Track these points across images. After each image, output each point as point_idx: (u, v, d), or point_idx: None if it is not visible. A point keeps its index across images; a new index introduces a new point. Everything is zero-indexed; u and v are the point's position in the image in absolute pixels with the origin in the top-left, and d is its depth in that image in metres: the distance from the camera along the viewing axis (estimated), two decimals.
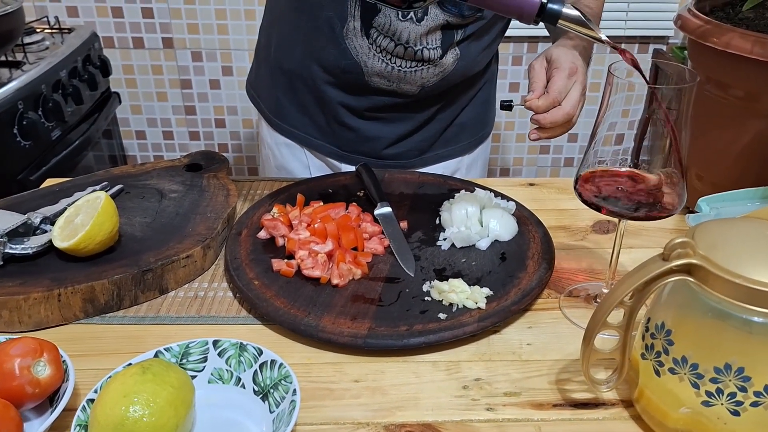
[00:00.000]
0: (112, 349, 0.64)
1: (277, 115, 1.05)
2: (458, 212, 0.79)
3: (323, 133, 1.03)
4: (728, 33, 0.72)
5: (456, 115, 1.07)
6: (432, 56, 0.92)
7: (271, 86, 1.05)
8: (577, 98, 0.85)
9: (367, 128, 1.01)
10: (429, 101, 1.00)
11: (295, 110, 1.03)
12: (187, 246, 0.73)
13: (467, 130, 1.10)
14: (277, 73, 1.02)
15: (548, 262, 0.73)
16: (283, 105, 1.04)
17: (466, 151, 1.12)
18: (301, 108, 1.02)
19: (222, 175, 0.89)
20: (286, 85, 1.01)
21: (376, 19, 0.89)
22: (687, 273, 0.50)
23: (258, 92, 1.09)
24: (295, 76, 1.00)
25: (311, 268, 0.71)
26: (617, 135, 0.64)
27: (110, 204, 0.70)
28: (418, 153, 1.06)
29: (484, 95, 1.11)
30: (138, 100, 2.11)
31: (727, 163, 0.79)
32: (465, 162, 1.13)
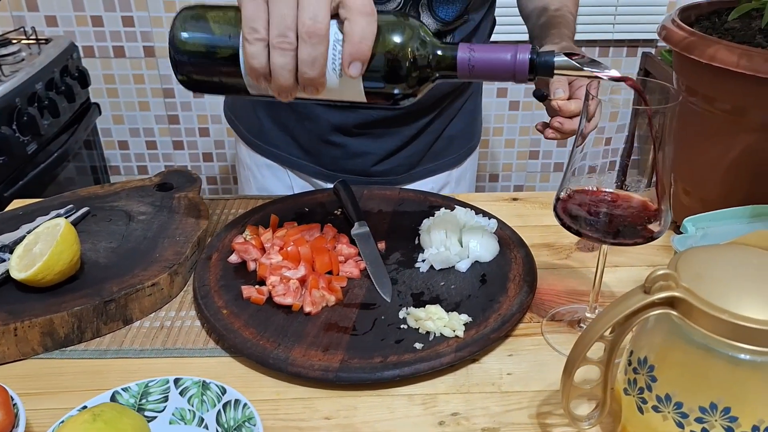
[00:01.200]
0: (72, 387, 0.61)
1: (258, 136, 1.02)
2: (437, 233, 0.76)
3: (307, 153, 1.00)
4: (713, 45, 0.69)
5: (444, 126, 1.04)
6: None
7: (251, 107, 1.02)
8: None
9: (355, 145, 0.99)
10: (420, 113, 0.97)
11: (277, 130, 1.00)
12: (153, 273, 0.70)
13: (456, 143, 1.07)
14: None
15: (530, 284, 0.70)
16: (263, 125, 1.01)
17: (455, 164, 1.09)
18: (284, 127, 0.99)
19: (193, 195, 0.86)
20: (267, 105, 0.99)
21: None
22: (670, 306, 0.47)
23: (236, 114, 1.06)
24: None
25: (282, 295, 0.68)
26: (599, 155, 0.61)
27: (70, 231, 0.66)
28: (407, 168, 1.04)
29: (471, 105, 1.09)
30: (120, 110, 2.08)
31: (715, 178, 0.77)
32: (454, 176, 1.11)
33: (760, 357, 0.44)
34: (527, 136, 2.24)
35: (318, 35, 0.53)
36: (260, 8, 0.53)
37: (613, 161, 0.62)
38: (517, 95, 2.16)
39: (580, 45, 2.10)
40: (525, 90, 2.16)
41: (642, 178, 0.60)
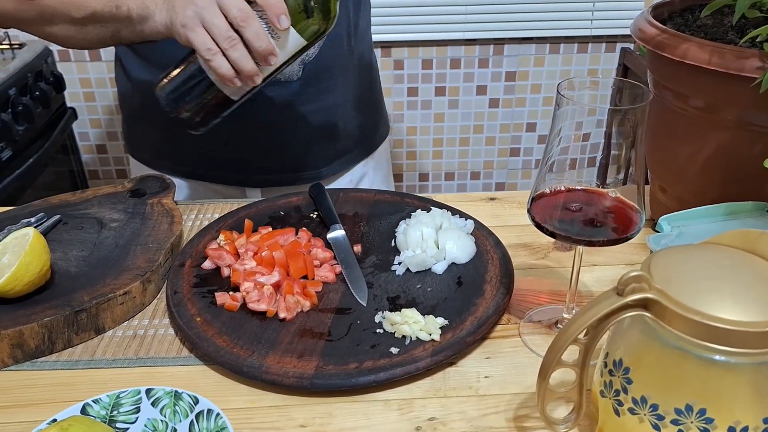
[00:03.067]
0: (43, 399, 0.60)
1: (166, 158, 1.03)
2: (413, 234, 0.76)
3: (221, 163, 1.01)
4: (685, 43, 0.69)
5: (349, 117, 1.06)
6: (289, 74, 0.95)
7: (151, 132, 1.03)
8: None
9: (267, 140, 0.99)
10: (314, 92, 0.98)
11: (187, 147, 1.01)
12: (124, 281, 0.69)
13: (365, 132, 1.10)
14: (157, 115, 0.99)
15: (506, 286, 0.70)
16: (168, 148, 1.02)
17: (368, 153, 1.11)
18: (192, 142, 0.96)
19: (167, 201, 0.84)
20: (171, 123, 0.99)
21: None
22: (643, 308, 0.47)
23: (136, 144, 1.07)
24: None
25: (257, 301, 0.67)
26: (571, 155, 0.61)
27: (39, 241, 0.65)
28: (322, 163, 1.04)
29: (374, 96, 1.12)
30: (97, 113, 2.05)
31: (690, 176, 0.77)
32: (370, 164, 1.12)
33: (734, 358, 0.43)
34: (508, 133, 2.24)
35: (248, 16, 0.67)
36: (202, 33, 0.68)
37: (591, 157, 0.62)
38: (497, 92, 2.17)
39: (558, 41, 2.11)
40: (504, 87, 2.16)
41: (618, 177, 0.60)
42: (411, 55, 2.09)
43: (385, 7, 1.99)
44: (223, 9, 0.67)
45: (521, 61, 2.12)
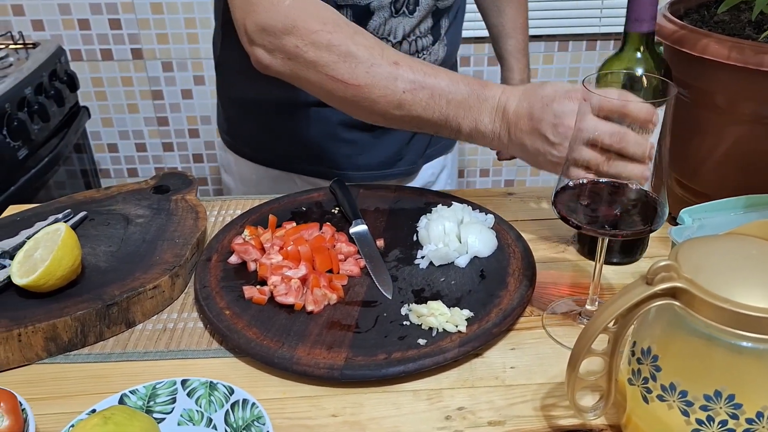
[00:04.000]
0: (77, 391, 0.61)
1: (263, 149, 1.03)
2: (436, 229, 0.77)
3: (317, 156, 1.00)
4: (704, 39, 0.70)
5: None
6: (425, 44, 0.93)
7: (251, 125, 1.02)
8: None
9: (366, 140, 1.00)
10: None
11: (284, 140, 1.00)
12: (153, 276, 0.70)
13: None
14: (259, 109, 0.99)
15: (529, 278, 0.71)
16: (268, 138, 1.01)
17: (449, 148, 1.15)
18: (291, 135, 0.99)
19: (191, 197, 0.86)
20: (269, 120, 0.98)
21: (370, 23, 0.88)
22: (672, 297, 0.48)
23: (235, 133, 1.06)
24: (282, 105, 0.96)
25: (284, 294, 0.69)
26: None
27: (71, 236, 0.66)
28: (415, 156, 1.06)
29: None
30: (108, 112, 2.07)
31: (708, 169, 0.78)
32: (449, 159, 1.17)
33: (762, 345, 0.44)
34: None
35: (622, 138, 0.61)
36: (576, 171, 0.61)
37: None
38: None
39: (567, 39, 2.12)
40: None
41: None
42: None
43: None
44: (592, 142, 0.60)
45: (532, 59, 2.12)
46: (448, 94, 0.72)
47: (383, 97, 0.73)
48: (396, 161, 1.05)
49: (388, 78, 0.72)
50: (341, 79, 0.73)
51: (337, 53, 0.72)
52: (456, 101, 0.72)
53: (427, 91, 0.72)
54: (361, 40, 0.73)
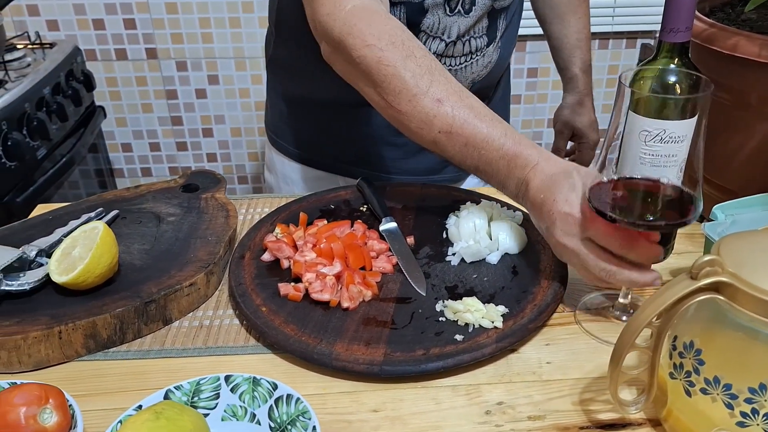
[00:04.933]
0: (118, 388, 0.62)
1: (309, 150, 1.03)
2: (466, 226, 0.77)
3: (365, 159, 1.00)
4: (734, 36, 0.71)
5: None
6: (479, 45, 0.92)
7: (302, 124, 1.02)
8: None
9: (414, 145, 1.00)
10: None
11: (334, 142, 1.00)
12: (189, 273, 0.71)
13: None
14: (309, 109, 0.99)
15: (561, 275, 0.71)
16: (316, 139, 1.01)
17: None
18: (339, 137, 0.99)
19: (220, 195, 0.86)
20: (321, 120, 0.98)
21: (425, 21, 0.87)
22: (716, 291, 0.49)
23: (282, 132, 1.06)
24: (334, 107, 0.96)
25: (320, 291, 0.69)
26: None
27: (109, 234, 0.67)
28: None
29: (506, 92, 1.15)
30: (123, 112, 2.08)
31: (735, 167, 0.78)
32: None
33: None
34: (529, 129, 2.25)
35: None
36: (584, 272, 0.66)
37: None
38: (519, 89, 2.18)
39: None
40: (526, 84, 2.18)
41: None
42: None
43: None
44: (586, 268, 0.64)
45: (543, 57, 2.12)
46: (481, 149, 0.70)
47: (419, 130, 0.72)
48: (444, 167, 1.04)
49: (428, 114, 0.71)
50: (385, 98, 0.72)
51: (385, 73, 0.71)
52: (486, 160, 0.70)
53: (462, 139, 0.70)
54: (411, 65, 0.71)
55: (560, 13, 1.12)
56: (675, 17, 0.67)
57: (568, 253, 0.65)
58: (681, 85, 0.69)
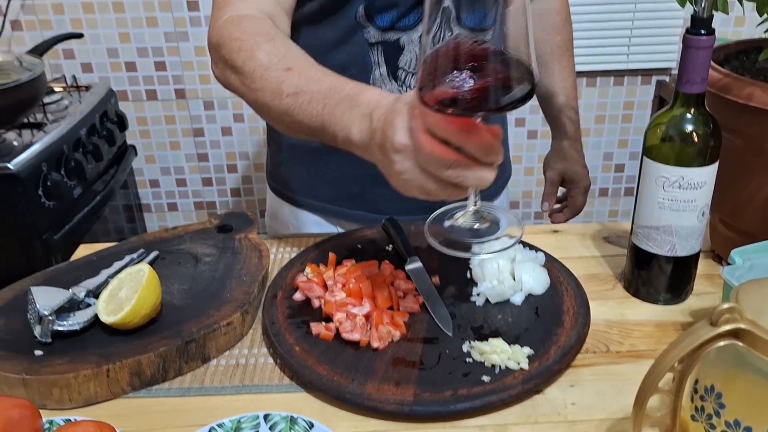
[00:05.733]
0: (163, 424, 0.65)
1: (307, 194, 1.06)
2: (490, 266, 0.80)
3: (362, 199, 1.03)
4: (749, 87, 0.74)
5: None
6: None
7: (298, 168, 1.05)
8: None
9: None
10: None
11: (329, 184, 1.03)
12: (226, 313, 0.74)
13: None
14: (303, 153, 1.03)
15: (584, 316, 0.74)
16: (313, 183, 1.04)
17: (495, 196, 1.14)
18: (335, 179, 1.02)
19: (253, 236, 0.90)
20: (316, 162, 1.02)
21: (402, 58, 0.90)
22: (735, 337, 0.51)
23: (281, 179, 1.09)
24: (325, 149, 1.00)
25: (350, 331, 0.72)
26: None
27: (154, 277, 0.71)
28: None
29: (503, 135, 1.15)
30: (152, 150, 2.14)
31: (753, 210, 0.81)
32: (498, 202, 1.16)
33: None
34: None
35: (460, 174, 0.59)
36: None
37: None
38: (535, 125, 2.22)
39: (594, 75, 2.16)
40: (542, 119, 2.21)
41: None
42: None
43: None
44: (429, 172, 0.60)
45: None
46: (325, 98, 0.68)
47: (272, 101, 0.73)
48: (440, 204, 1.06)
49: (277, 81, 0.72)
50: (244, 83, 0.75)
51: (244, 58, 0.74)
52: (331, 105, 0.68)
53: (307, 95, 0.69)
54: (268, 47, 0.74)
55: (545, 62, 1.14)
56: (691, 70, 0.71)
57: (412, 157, 0.59)
58: (698, 133, 0.72)
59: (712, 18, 0.70)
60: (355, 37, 0.91)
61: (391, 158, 0.60)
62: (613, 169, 2.32)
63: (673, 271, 0.78)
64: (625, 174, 2.34)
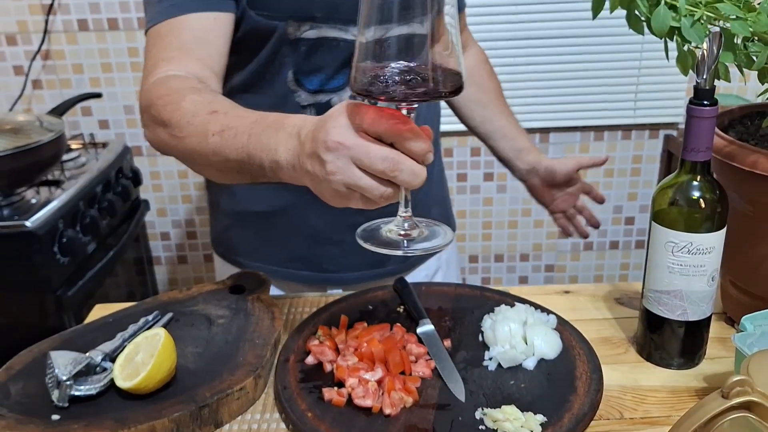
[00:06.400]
0: None
1: (255, 258, 1.08)
2: (501, 330, 0.81)
3: (308, 260, 1.06)
4: (753, 154, 0.75)
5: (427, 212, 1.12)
6: None
7: (243, 233, 1.08)
8: None
9: (352, 240, 1.04)
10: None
11: (274, 248, 1.05)
12: (239, 377, 0.74)
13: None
14: (249, 217, 1.05)
15: (597, 382, 0.74)
16: (259, 247, 1.07)
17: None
18: (280, 243, 1.04)
19: (265, 297, 0.91)
20: (262, 225, 1.04)
21: None
22: (747, 409, 0.51)
23: (228, 245, 1.11)
24: (266, 213, 1.01)
25: (362, 397, 0.72)
26: None
27: (169, 341, 0.72)
28: (403, 257, 1.10)
29: (440, 195, 1.20)
30: (164, 203, 2.18)
31: (763, 274, 0.81)
32: (443, 259, 1.19)
33: None
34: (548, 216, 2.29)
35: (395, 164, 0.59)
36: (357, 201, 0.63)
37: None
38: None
39: (602, 129, 2.19)
40: None
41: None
42: (460, 144, 2.19)
43: None
44: (364, 166, 0.59)
45: (567, 148, 2.20)
46: (250, 129, 0.69)
47: (199, 144, 0.73)
48: (386, 260, 1.08)
49: (202, 125, 0.73)
50: (172, 133, 0.76)
51: (171, 110, 0.76)
52: (256, 134, 0.68)
53: (233, 130, 0.70)
54: (193, 97, 0.76)
55: (484, 114, 1.20)
56: (695, 139, 0.73)
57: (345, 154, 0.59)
58: (705, 199, 0.74)
59: (714, 89, 0.72)
60: (288, 101, 0.95)
61: (324, 159, 0.60)
62: (623, 222, 2.33)
63: (685, 336, 0.78)
64: (635, 227, 2.34)
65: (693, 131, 0.73)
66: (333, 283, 1.09)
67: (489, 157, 2.21)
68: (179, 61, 0.83)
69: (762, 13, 0.77)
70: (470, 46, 1.23)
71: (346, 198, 0.61)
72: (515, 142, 1.20)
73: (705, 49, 0.71)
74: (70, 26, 1.96)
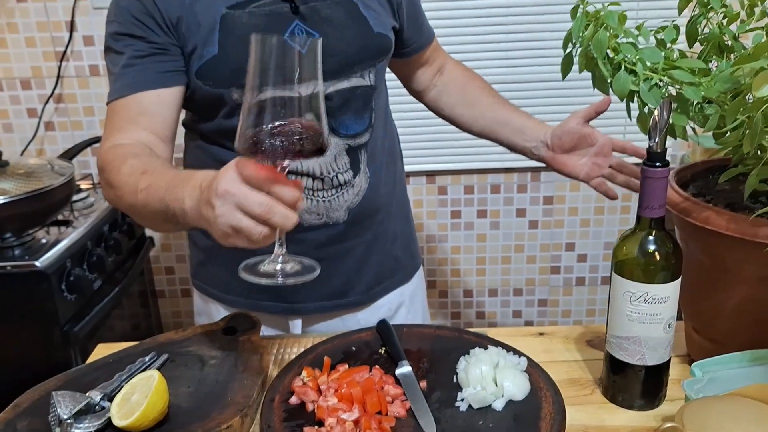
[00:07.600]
0: None
1: (226, 291, 1.16)
2: (474, 372, 0.86)
3: (271, 292, 1.12)
4: (705, 211, 0.81)
5: (389, 247, 1.19)
6: (347, 178, 1.06)
7: (216, 268, 1.15)
8: None
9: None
10: (358, 229, 1.12)
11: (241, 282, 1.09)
12: (227, 416, 0.80)
13: (401, 262, 1.23)
14: (215, 252, 1.12)
15: (560, 423, 0.79)
16: (229, 281, 1.13)
17: (403, 281, 1.23)
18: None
19: (255, 338, 0.97)
20: (226, 259, 1.09)
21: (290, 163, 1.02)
22: None
23: (204, 279, 1.19)
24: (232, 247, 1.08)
25: None
26: None
27: (162, 383, 0.78)
28: (365, 287, 1.16)
29: (407, 231, 1.25)
30: (168, 239, 2.25)
31: (721, 320, 0.86)
32: (407, 295, 1.24)
33: None
34: (548, 252, 2.34)
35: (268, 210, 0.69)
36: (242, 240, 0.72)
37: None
38: (536, 215, 2.30)
39: None
40: (543, 210, 2.30)
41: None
42: (453, 182, 2.25)
43: (430, 140, 2.18)
44: (245, 210, 0.69)
45: (558, 186, 2.26)
46: (168, 184, 0.81)
47: (133, 200, 0.87)
48: (346, 291, 1.15)
49: (134, 184, 0.87)
50: (116, 194, 0.91)
51: (114, 173, 0.91)
52: (171, 187, 0.80)
53: (154, 186, 0.83)
54: (132, 161, 0.90)
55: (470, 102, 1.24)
56: (649, 197, 0.79)
57: (231, 200, 0.68)
58: (659, 252, 0.80)
59: (665, 151, 0.78)
60: None
61: (214, 204, 0.70)
62: None
63: (645, 379, 0.83)
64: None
65: (647, 190, 0.79)
66: (294, 313, 1.14)
67: (482, 195, 2.27)
68: (128, 132, 0.97)
69: (716, 80, 0.84)
70: (446, 64, 1.28)
71: (233, 238, 0.71)
72: (513, 123, 1.19)
73: (656, 115, 0.78)
74: (82, 71, 2.06)
